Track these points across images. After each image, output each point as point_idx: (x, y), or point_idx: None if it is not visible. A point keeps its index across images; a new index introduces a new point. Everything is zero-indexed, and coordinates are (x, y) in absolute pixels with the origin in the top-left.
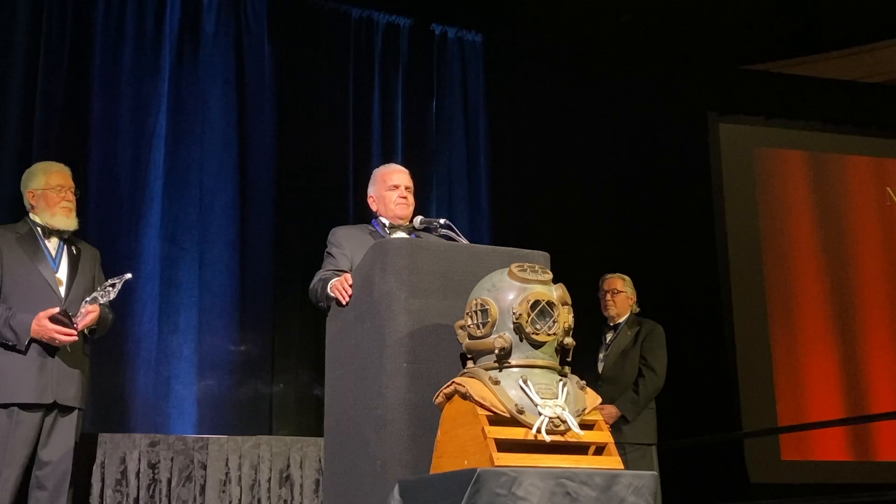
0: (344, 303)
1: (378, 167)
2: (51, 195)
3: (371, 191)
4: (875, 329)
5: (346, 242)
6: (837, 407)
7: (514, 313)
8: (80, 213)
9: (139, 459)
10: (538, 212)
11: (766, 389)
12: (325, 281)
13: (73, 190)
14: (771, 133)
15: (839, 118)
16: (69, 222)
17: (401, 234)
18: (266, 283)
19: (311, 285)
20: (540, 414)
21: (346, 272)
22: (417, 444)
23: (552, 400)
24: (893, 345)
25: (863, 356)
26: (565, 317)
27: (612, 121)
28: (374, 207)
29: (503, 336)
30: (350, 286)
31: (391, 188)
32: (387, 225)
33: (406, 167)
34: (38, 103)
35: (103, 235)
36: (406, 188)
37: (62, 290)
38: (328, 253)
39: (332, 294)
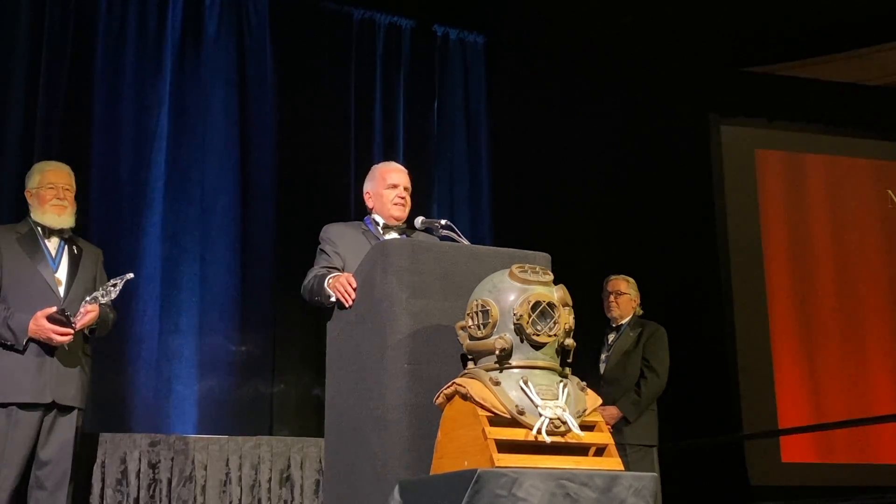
0: (347, 305)
1: (378, 164)
2: (42, 193)
3: (368, 186)
4: (876, 331)
5: (339, 241)
6: (839, 409)
7: (514, 314)
8: (82, 212)
9: (140, 459)
10: (539, 213)
11: (767, 391)
12: (322, 277)
13: (66, 188)
14: (772, 135)
15: (841, 120)
16: (60, 220)
17: (394, 235)
18: (267, 284)
19: (305, 281)
20: (540, 415)
21: (339, 270)
22: (418, 444)
23: (552, 401)
24: (895, 347)
25: (864, 358)
26: (566, 318)
27: (614, 122)
28: (370, 204)
29: (504, 337)
30: (354, 288)
31: (390, 187)
32: (380, 224)
33: (407, 168)
34: (41, 103)
35: (105, 235)
36: (405, 188)
37: (61, 290)
38: (321, 250)
39: (331, 292)
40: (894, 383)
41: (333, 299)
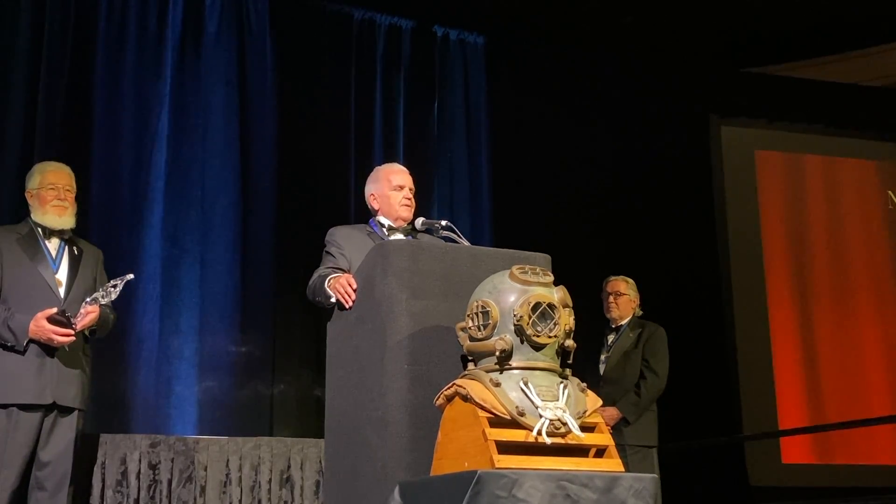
0: (347, 306)
1: (380, 165)
2: (43, 194)
3: (373, 188)
4: (876, 332)
5: (345, 243)
6: (839, 410)
7: (515, 315)
8: (82, 213)
9: (140, 460)
10: (539, 214)
11: (767, 392)
12: (324, 278)
13: (67, 188)
14: (772, 136)
15: (841, 121)
16: (61, 221)
17: (399, 237)
18: (267, 284)
19: (310, 282)
20: (540, 416)
21: (345, 271)
22: (418, 445)
23: (553, 402)
24: (895, 348)
25: (865, 360)
26: (566, 319)
27: (614, 123)
28: (374, 206)
29: (504, 338)
30: (354, 290)
31: (396, 188)
32: (385, 226)
33: (407, 168)
34: (41, 104)
35: (105, 236)
36: (409, 189)
37: (62, 291)
38: (327, 252)
39: (331, 293)
40: (894, 384)
41: (333, 300)
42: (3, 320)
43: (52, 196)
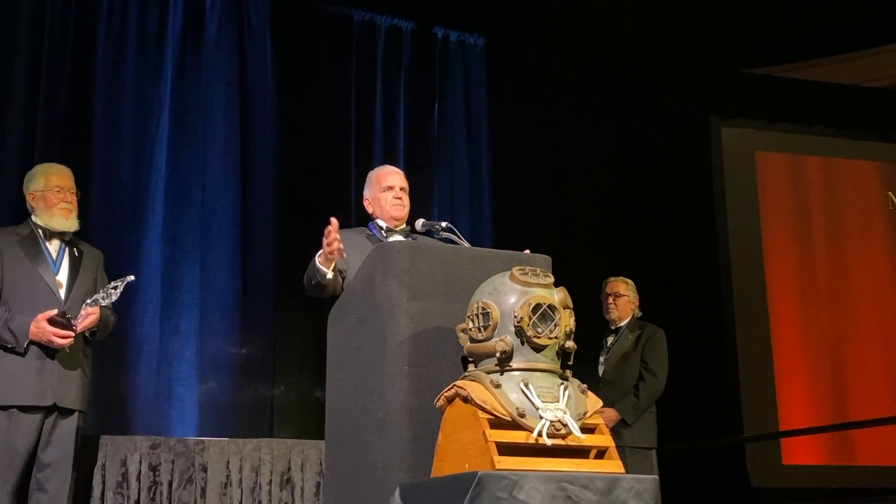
0: (329, 250)
1: (373, 169)
2: (49, 196)
3: (367, 193)
4: (877, 332)
5: (344, 245)
6: (840, 411)
7: (515, 316)
8: (83, 214)
9: (140, 462)
10: (540, 215)
11: (768, 393)
12: (313, 260)
13: (72, 191)
14: (773, 137)
15: (841, 122)
16: (68, 223)
17: (398, 238)
18: (268, 286)
19: (305, 275)
20: (541, 417)
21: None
22: (418, 447)
23: (553, 403)
24: (895, 348)
25: (865, 360)
26: (567, 320)
27: (614, 124)
28: (370, 210)
29: (504, 339)
30: (336, 232)
31: (386, 189)
32: (384, 228)
33: (407, 170)
34: (41, 106)
35: (105, 237)
36: (401, 189)
37: (62, 293)
38: None
39: (325, 269)
40: (894, 385)
41: (330, 276)
42: (3, 322)
43: (59, 199)
